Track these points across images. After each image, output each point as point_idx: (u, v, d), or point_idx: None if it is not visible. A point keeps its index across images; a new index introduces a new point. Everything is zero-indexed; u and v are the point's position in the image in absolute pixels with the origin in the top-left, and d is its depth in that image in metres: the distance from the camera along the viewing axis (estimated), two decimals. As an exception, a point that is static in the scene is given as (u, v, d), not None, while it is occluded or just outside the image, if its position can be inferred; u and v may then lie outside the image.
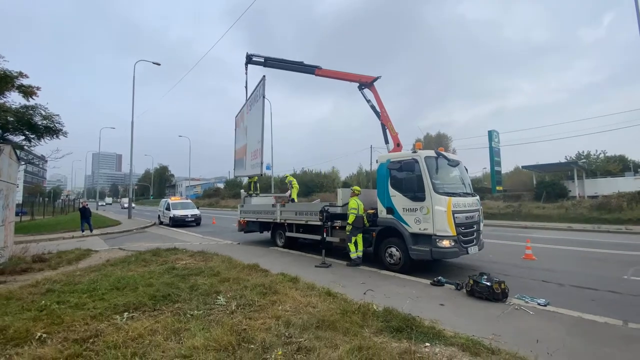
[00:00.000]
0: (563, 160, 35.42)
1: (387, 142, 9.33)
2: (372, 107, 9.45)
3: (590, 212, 18.91)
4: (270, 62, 11.34)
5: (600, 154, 39.21)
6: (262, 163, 8.11)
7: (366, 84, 9.44)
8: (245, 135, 10.08)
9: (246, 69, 12.08)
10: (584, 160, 37.62)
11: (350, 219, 7.68)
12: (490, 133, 31.57)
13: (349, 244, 7.85)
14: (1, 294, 5.17)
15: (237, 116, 11.56)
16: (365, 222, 7.84)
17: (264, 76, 7.96)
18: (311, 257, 8.98)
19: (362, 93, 9.62)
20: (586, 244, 11.08)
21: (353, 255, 7.79)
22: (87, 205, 16.98)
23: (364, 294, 5.49)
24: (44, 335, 3.60)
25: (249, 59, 11.86)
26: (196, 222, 20.71)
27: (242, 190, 14.95)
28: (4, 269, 7.02)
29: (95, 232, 16.11)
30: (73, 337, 3.55)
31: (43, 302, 4.66)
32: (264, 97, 7.95)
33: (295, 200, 11.47)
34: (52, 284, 5.72)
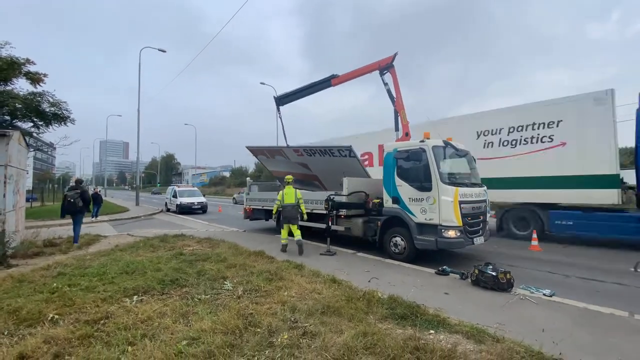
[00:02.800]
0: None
1: (397, 129, 9.23)
2: (388, 91, 9.29)
3: (599, 204, 18.63)
4: (288, 99, 11.81)
5: (611, 145, 38.46)
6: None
7: (387, 66, 9.23)
8: (305, 167, 11.03)
9: (279, 112, 12.32)
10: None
11: (274, 209, 8.72)
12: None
13: (281, 230, 8.48)
14: (14, 277, 5.31)
15: (264, 149, 12.37)
16: (303, 210, 8.38)
17: (350, 146, 9.00)
18: (316, 245, 9.04)
19: (382, 79, 9.42)
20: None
21: (282, 241, 8.34)
22: (99, 191, 17.61)
23: (369, 281, 5.53)
24: (56, 316, 3.71)
25: (280, 102, 11.98)
26: (202, 209, 20.91)
27: (248, 178, 15.02)
28: (16, 252, 7.19)
29: (104, 218, 16.42)
30: (84, 319, 3.65)
31: (55, 284, 4.77)
32: (358, 158, 9.17)
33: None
34: (63, 268, 5.86)
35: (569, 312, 4.30)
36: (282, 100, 11.94)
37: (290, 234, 8.34)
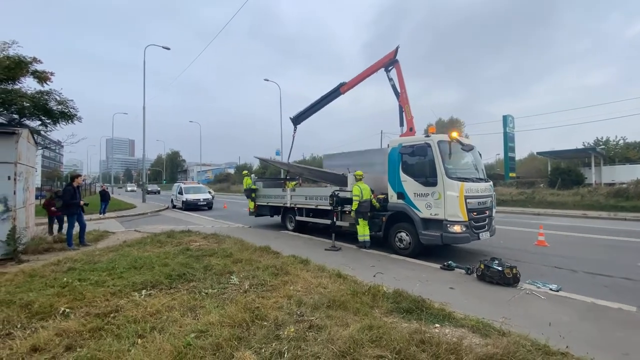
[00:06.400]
0: (580, 147, 34.46)
1: (402, 124, 9.22)
2: (393, 87, 9.30)
3: (607, 199, 18.42)
4: (303, 117, 12.43)
5: (619, 140, 37.98)
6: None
7: (390, 62, 9.24)
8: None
9: (295, 131, 12.99)
10: (602, 146, 36.47)
11: (354, 205, 7.74)
12: (505, 118, 30.71)
13: (357, 226, 7.96)
14: (25, 272, 5.41)
15: (270, 162, 15.53)
16: (375, 204, 7.85)
17: (346, 177, 9.42)
18: (321, 241, 9.07)
19: (388, 75, 9.45)
20: (601, 232, 10.86)
21: (360, 238, 7.92)
22: (106, 188, 18.02)
23: (374, 276, 5.54)
24: (67, 309, 3.78)
25: (297, 121, 12.64)
26: (208, 206, 21.10)
27: (252, 175, 15.06)
28: (27, 248, 7.32)
29: (111, 214, 16.64)
30: (95, 312, 3.72)
31: (65, 279, 4.85)
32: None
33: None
34: (73, 263, 5.95)
35: (576, 307, 4.28)
36: (298, 119, 12.47)
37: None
